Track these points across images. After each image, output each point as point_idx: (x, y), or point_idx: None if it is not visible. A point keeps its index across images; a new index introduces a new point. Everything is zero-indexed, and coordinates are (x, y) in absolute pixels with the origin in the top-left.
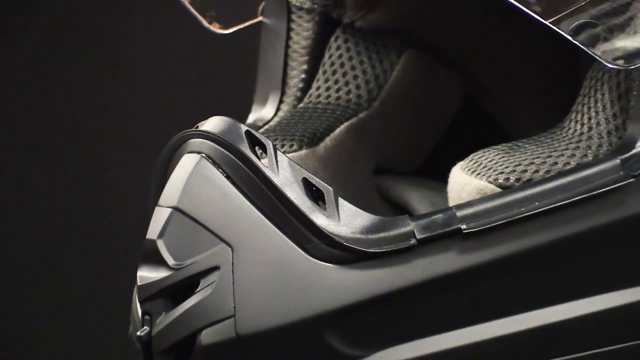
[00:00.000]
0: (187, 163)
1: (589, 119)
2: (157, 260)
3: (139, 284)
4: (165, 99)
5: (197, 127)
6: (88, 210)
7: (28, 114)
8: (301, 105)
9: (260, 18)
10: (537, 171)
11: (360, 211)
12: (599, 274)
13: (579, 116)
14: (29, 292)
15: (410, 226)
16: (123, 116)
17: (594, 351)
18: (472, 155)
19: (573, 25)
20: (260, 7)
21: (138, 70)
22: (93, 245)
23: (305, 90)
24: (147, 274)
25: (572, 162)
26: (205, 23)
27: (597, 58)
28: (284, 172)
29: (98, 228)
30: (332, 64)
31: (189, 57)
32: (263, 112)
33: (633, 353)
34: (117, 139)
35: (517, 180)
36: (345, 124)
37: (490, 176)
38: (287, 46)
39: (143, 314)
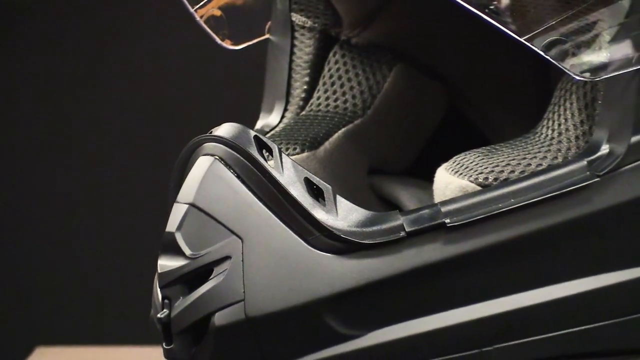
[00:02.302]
0: (202, 164)
1: (559, 125)
2: (175, 250)
3: (159, 271)
4: (183, 107)
5: (211, 133)
6: (118, 208)
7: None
8: (303, 113)
9: (267, 36)
10: (512, 171)
11: (356, 207)
12: (567, 263)
13: (550, 123)
14: (66, 283)
15: (400, 220)
16: (150, 127)
17: (564, 331)
18: (455, 157)
19: (545, 42)
20: (267, 26)
21: (162, 85)
22: (120, 239)
23: (307, 99)
24: (166, 263)
25: (544, 164)
26: (218, 40)
27: (566, 71)
28: (288, 172)
29: (124, 224)
30: (331, 76)
31: (204, 71)
32: (269, 119)
33: (594, 334)
34: (144, 146)
35: (495, 179)
36: (343, 129)
37: (471, 176)
38: (291, 61)
39: (163, 298)
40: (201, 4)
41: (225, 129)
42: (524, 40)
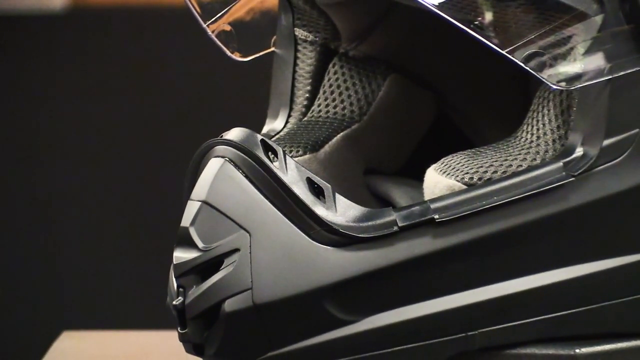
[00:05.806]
0: (213, 165)
1: (538, 129)
2: (189, 243)
3: (174, 263)
4: (197, 114)
5: (221, 137)
6: (142, 201)
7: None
8: (305, 118)
9: (272, 49)
10: (495, 172)
11: (353, 204)
12: (545, 255)
13: (530, 127)
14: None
15: (393, 216)
16: (167, 133)
17: (542, 317)
18: (443, 159)
19: (525, 54)
20: (273, 40)
21: (179, 95)
22: (139, 234)
23: (308, 107)
24: (181, 255)
25: (524, 165)
26: (228, 52)
27: (544, 81)
28: (291, 172)
29: (144, 221)
30: (331, 85)
31: (216, 82)
32: (275, 125)
33: (570, 320)
34: (164, 150)
35: (480, 179)
36: (341, 134)
37: (457, 176)
38: (294, 71)
39: (178, 287)
40: (213, 19)
41: (234, 133)
42: (506, 52)
